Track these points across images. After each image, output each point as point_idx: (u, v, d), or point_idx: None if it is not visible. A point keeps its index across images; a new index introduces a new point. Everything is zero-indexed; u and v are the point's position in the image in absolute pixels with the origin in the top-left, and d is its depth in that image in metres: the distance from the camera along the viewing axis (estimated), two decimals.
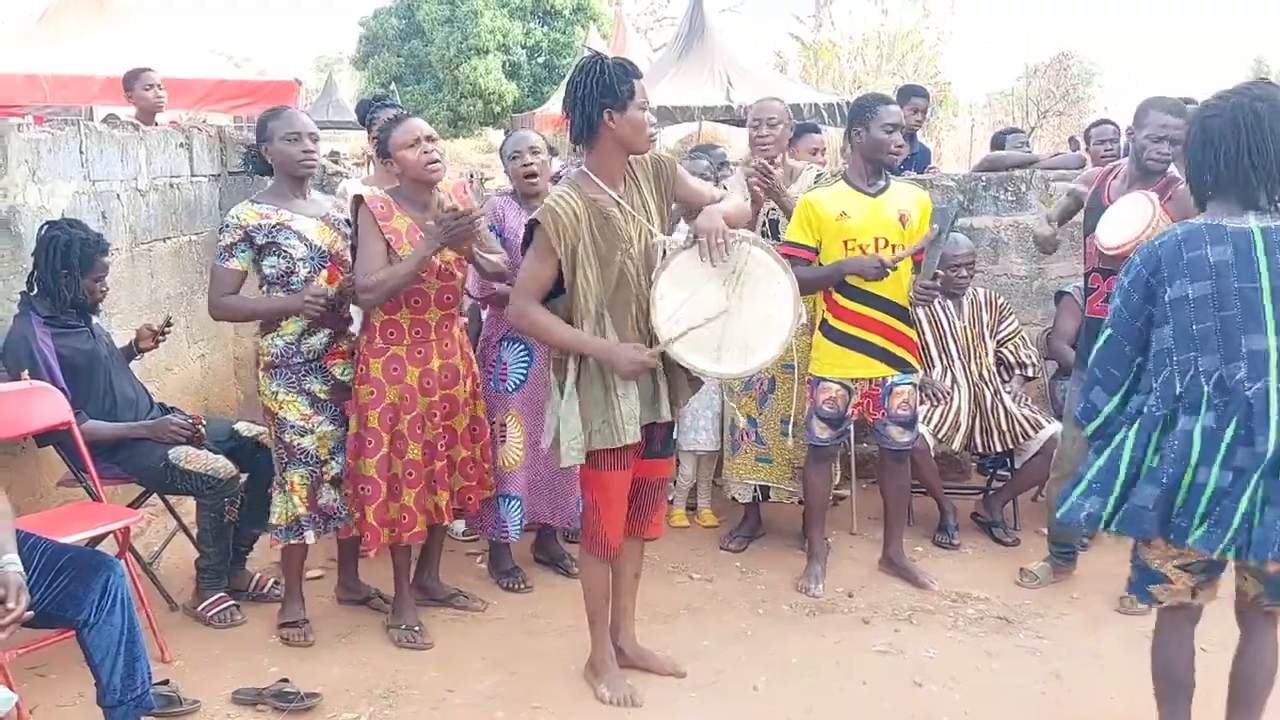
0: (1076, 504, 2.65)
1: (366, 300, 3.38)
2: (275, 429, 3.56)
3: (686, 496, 4.91)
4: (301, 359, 3.55)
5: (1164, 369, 2.52)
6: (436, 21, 21.42)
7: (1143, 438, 2.53)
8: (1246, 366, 2.43)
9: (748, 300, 3.01)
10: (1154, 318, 2.55)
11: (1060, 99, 20.73)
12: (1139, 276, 2.56)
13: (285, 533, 3.57)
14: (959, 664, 3.47)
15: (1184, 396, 2.48)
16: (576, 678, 3.33)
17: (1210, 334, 2.46)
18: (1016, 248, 5.53)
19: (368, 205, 3.38)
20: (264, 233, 3.48)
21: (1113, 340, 2.61)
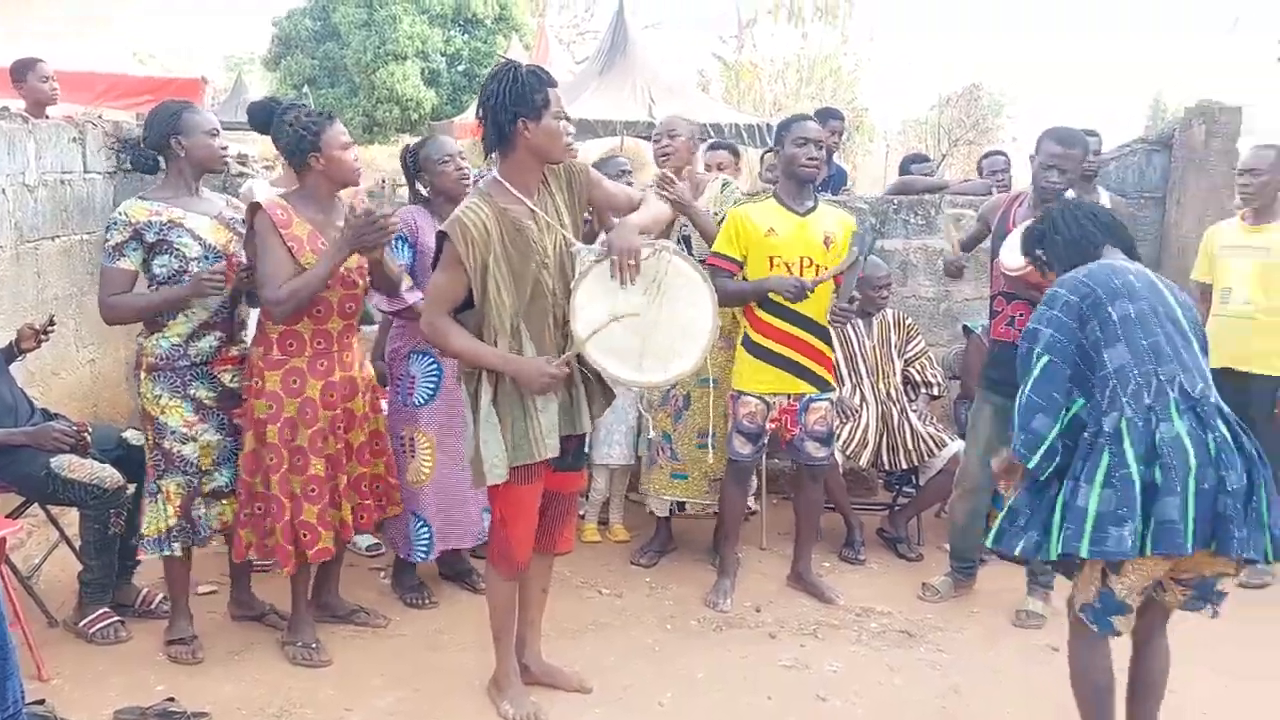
0: (1013, 534, 2.71)
1: (279, 312, 3.23)
2: (154, 434, 3.41)
3: (599, 511, 4.87)
4: (188, 362, 3.41)
5: (1129, 383, 2.60)
6: (353, 25, 21.06)
7: (1140, 450, 2.54)
8: (1198, 376, 2.65)
9: (667, 309, 3.00)
10: (1100, 340, 2.64)
11: (971, 128, 21.31)
12: (1070, 304, 2.67)
13: (153, 545, 3.42)
14: (862, 678, 3.49)
15: (1154, 406, 2.58)
16: (480, 694, 3.26)
17: (1161, 347, 2.63)
18: (925, 270, 5.64)
19: (267, 212, 3.24)
20: (155, 230, 3.34)
21: (1052, 366, 2.65)
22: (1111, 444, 2.58)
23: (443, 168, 3.85)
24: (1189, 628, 3.63)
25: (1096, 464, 2.58)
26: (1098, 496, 2.55)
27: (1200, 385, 2.64)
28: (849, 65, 22.72)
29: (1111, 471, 2.55)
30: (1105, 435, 2.59)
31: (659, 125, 4.49)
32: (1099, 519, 2.54)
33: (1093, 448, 2.62)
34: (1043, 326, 2.70)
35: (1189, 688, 3.41)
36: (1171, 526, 2.49)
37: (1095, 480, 2.57)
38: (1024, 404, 2.68)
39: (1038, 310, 2.76)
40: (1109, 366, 2.63)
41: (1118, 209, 5.14)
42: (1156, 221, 5.69)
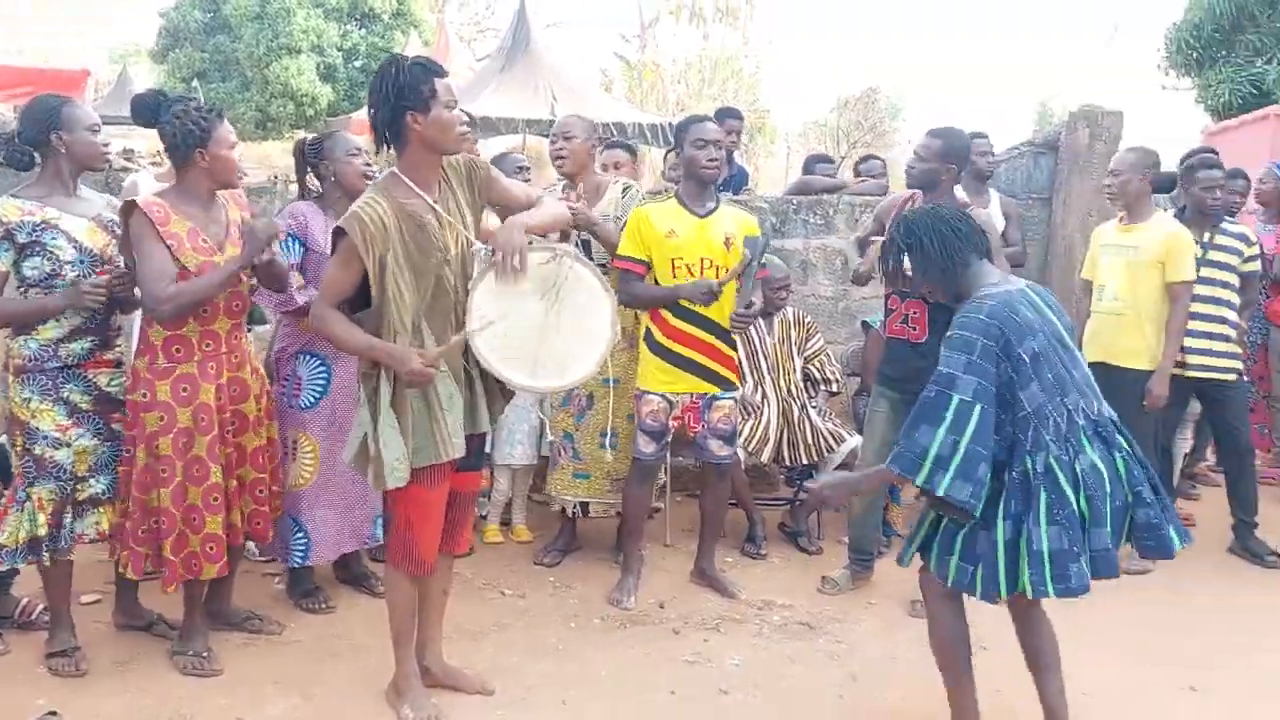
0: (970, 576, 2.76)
1: (161, 313, 3.11)
2: (24, 440, 3.25)
3: (501, 511, 4.84)
4: (59, 364, 3.25)
5: (1049, 421, 2.68)
6: (245, 17, 20.50)
7: (1072, 483, 2.66)
8: (1091, 395, 2.78)
9: (566, 315, 3.00)
10: (1015, 381, 2.68)
11: (868, 130, 21.82)
12: (986, 349, 2.67)
13: (12, 555, 3.26)
14: (763, 670, 3.54)
15: (1069, 439, 2.69)
16: (379, 699, 3.21)
17: (1062, 377, 2.73)
18: (824, 269, 5.76)
19: (143, 211, 3.11)
20: (26, 231, 3.18)
21: (985, 414, 2.64)
22: (1046, 483, 2.67)
23: (350, 159, 3.77)
24: (1089, 612, 3.82)
25: (1035, 504, 2.66)
26: (1046, 536, 2.64)
27: (1095, 404, 2.78)
28: (750, 67, 23.03)
29: (1054, 510, 2.65)
30: (1038, 475, 2.67)
31: (555, 127, 4.45)
32: (1055, 558, 2.63)
33: (1025, 488, 2.68)
34: (963, 374, 2.66)
35: (1087, 670, 3.58)
36: (1108, 554, 2.67)
37: (1041, 522, 2.65)
38: (964, 454, 2.63)
39: (952, 355, 2.71)
40: (1027, 407, 2.69)
41: (1008, 209, 5.35)
42: (1044, 221, 5.92)
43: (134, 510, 3.25)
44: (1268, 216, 6.04)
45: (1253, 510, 4.88)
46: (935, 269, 2.87)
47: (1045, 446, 2.68)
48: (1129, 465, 2.73)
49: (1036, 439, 2.69)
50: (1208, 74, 10.28)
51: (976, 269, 2.87)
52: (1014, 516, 2.69)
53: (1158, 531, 2.72)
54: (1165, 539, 2.73)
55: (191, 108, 3.17)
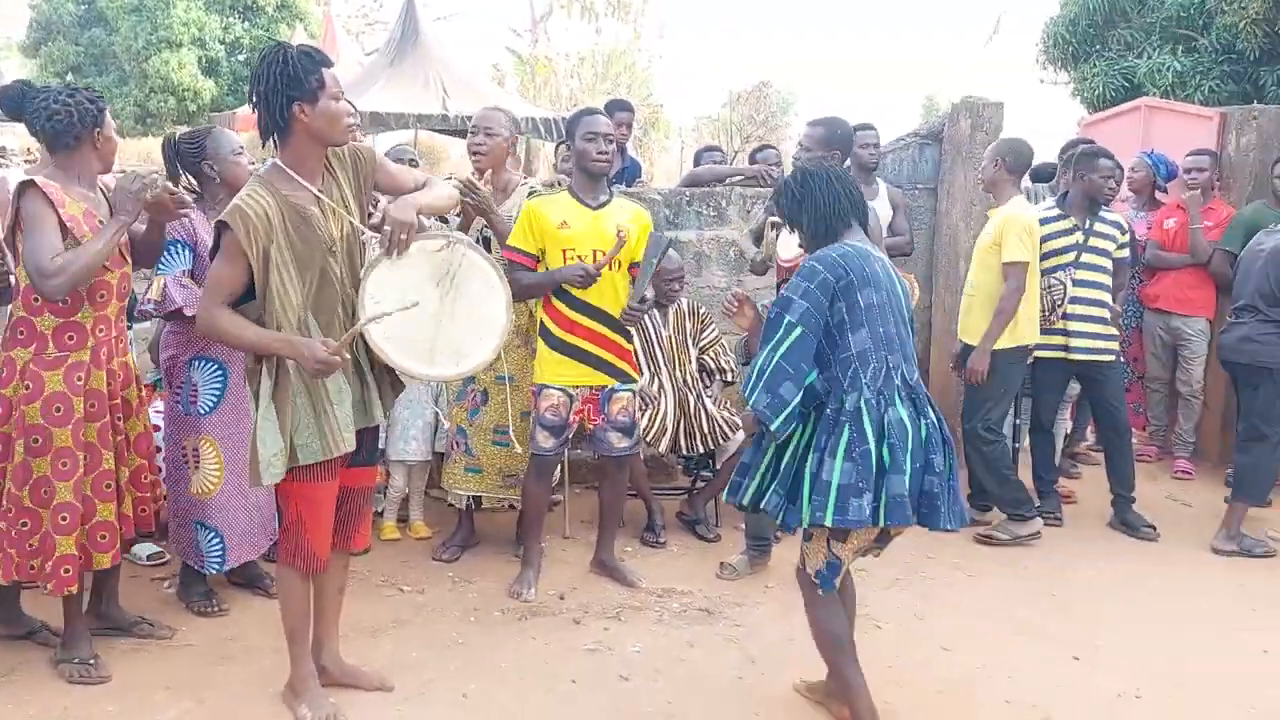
0: (779, 503, 2.90)
1: (51, 286, 2.99)
2: None
3: (398, 508, 4.79)
4: None
5: (868, 366, 2.81)
6: (122, 10, 19.74)
7: (876, 429, 2.77)
8: (914, 366, 2.92)
9: (461, 303, 2.99)
10: (846, 322, 2.81)
11: (761, 125, 22.14)
12: (825, 281, 2.82)
13: None
14: (663, 656, 3.59)
15: (883, 390, 2.82)
16: (275, 701, 3.16)
17: (892, 336, 2.86)
18: (718, 260, 5.84)
19: (41, 188, 3.03)
20: None
21: (805, 337, 2.80)
22: (852, 421, 2.80)
23: (237, 158, 3.68)
24: (975, 587, 3.98)
25: (838, 439, 2.79)
26: (839, 470, 2.77)
27: (916, 375, 2.94)
28: (643, 61, 23.15)
29: (851, 446, 2.78)
30: (846, 413, 2.80)
31: (476, 119, 4.39)
32: (840, 491, 2.77)
33: (835, 424, 2.82)
34: (796, 297, 2.82)
35: (977, 644, 3.74)
36: (900, 500, 2.78)
37: (838, 455, 2.78)
38: (772, 368, 2.81)
39: (794, 280, 2.87)
40: (852, 349, 2.83)
41: (895, 199, 5.52)
42: (930, 210, 6.10)
43: (9, 509, 3.13)
44: (1139, 204, 6.36)
45: (1130, 485, 5.13)
46: (819, 220, 2.99)
47: (860, 389, 2.82)
48: (930, 433, 2.87)
49: (854, 380, 2.82)
50: (1083, 68, 10.70)
51: (852, 233, 3.00)
52: (820, 450, 2.83)
53: (933, 502, 2.86)
54: (937, 511, 2.86)
55: (81, 90, 3.15)
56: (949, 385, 5.83)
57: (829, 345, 2.85)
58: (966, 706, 3.30)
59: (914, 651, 3.63)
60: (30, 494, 3.12)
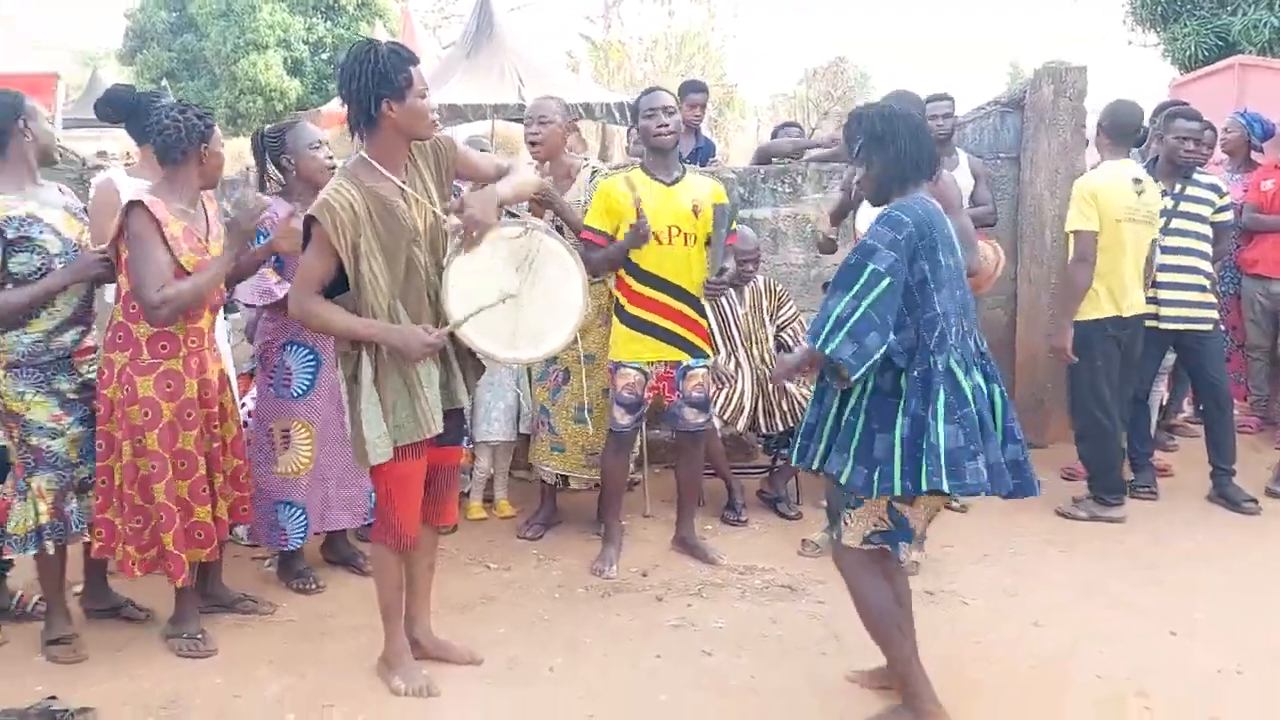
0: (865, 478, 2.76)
1: (159, 316, 3.16)
2: (20, 432, 3.31)
3: (483, 488, 4.90)
4: (51, 357, 3.32)
5: (953, 328, 2.72)
6: (211, 15, 20.40)
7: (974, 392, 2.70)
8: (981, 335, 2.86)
9: (539, 286, 3.06)
10: (928, 281, 2.70)
11: (837, 101, 21.85)
12: (910, 236, 2.69)
13: (20, 543, 3.32)
14: (746, 632, 3.61)
15: (963, 356, 2.74)
16: (370, 674, 3.27)
17: (965, 302, 2.79)
18: (794, 238, 5.81)
19: (149, 209, 3.15)
20: (15, 226, 3.22)
21: (893, 288, 2.66)
22: (946, 383, 2.69)
23: (313, 153, 3.80)
24: (1073, 561, 3.91)
25: (933, 401, 2.67)
26: (944, 433, 2.65)
27: (985, 344, 2.87)
28: (716, 41, 23.02)
29: (952, 409, 2.67)
30: (938, 375, 2.69)
31: (529, 109, 4.47)
32: (950, 455, 2.64)
33: (926, 386, 2.69)
34: (884, 247, 2.68)
35: (1075, 618, 3.68)
36: (1000, 467, 2.71)
37: (938, 418, 2.66)
38: (858, 316, 2.66)
39: (877, 228, 2.73)
40: (938, 309, 2.71)
41: (976, 169, 5.42)
42: (1012, 179, 5.97)
43: (124, 506, 3.29)
44: (1234, 166, 6.14)
45: (1231, 459, 4.96)
46: (896, 165, 2.83)
47: (948, 349, 2.71)
48: (1004, 400, 2.80)
49: (941, 340, 2.71)
50: (1173, 27, 10.34)
51: (919, 191, 2.87)
52: (913, 414, 2.70)
53: (1024, 471, 2.78)
54: (1029, 479, 2.79)
55: (191, 108, 3.25)
56: (1037, 358, 5.73)
57: (908, 305, 2.72)
58: (1058, 683, 3.25)
59: (1004, 628, 3.59)
60: (139, 492, 3.28)
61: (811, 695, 3.19)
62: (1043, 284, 5.79)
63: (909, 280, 2.71)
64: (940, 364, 2.71)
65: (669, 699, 3.18)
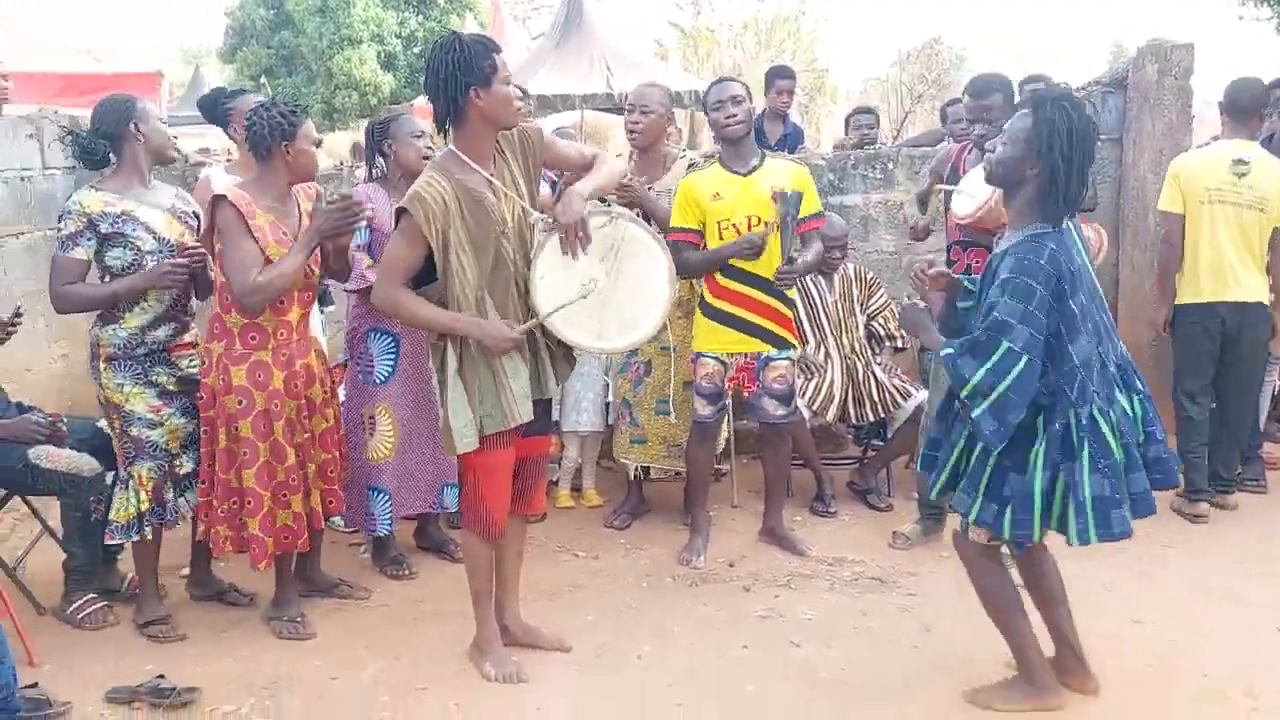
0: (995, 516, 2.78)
1: (251, 303, 3.27)
2: (120, 422, 3.46)
3: (571, 477, 4.95)
4: (146, 350, 3.46)
5: (1093, 373, 2.70)
6: (307, 12, 20.91)
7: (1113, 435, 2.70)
8: (1116, 337, 2.83)
9: (626, 276, 3.08)
10: (1064, 334, 2.66)
11: (932, 84, 21.37)
12: (1043, 300, 2.61)
13: (123, 530, 3.47)
14: (836, 624, 3.59)
15: (1102, 386, 2.72)
16: (462, 659, 3.34)
17: (1099, 326, 2.74)
18: (886, 224, 5.72)
19: (233, 203, 3.25)
20: (109, 222, 3.37)
21: (1032, 365, 2.62)
22: (1090, 435, 2.69)
23: (414, 142, 3.86)
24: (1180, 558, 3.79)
25: (1078, 454, 2.68)
26: (1089, 485, 2.68)
27: (1118, 346, 2.81)
28: (807, 25, 22.71)
29: (1096, 459, 2.68)
30: (1083, 428, 2.69)
31: (631, 97, 4.46)
32: (1098, 505, 2.68)
33: (1066, 440, 2.70)
34: (1016, 322, 2.60)
35: (1181, 614, 3.58)
36: (1146, 495, 2.75)
37: (1084, 472, 2.67)
38: (998, 397, 2.63)
39: (1008, 302, 2.62)
40: (1075, 360, 2.68)
41: None
42: (1114, 161, 5.78)
43: (218, 489, 3.42)
44: None
45: None
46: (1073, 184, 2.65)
47: (1089, 399, 2.70)
48: (1144, 405, 2.80)
49: (1083, 392, 2.69)
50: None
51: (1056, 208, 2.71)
52: (1053, 465, 2.72)
53: (1166, 465, 2.81)
54: (1171, 470, 2.83)
55: (281, 102, 3.31)
56: (1140, 347, 5.53)
57: (1048, 357, 2.68)
58: (1161, 680, 3.16)
59: (1103, 623, 3.46)
60: (234, 476, 3.40)
61: (903, 689, 3.15)
62: (1145, 270, 5.59)
63: (1049, 337, 2.66)
64: (1084, 416, 2.70)
65: (756, 689, 3.17)
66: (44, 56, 8.58)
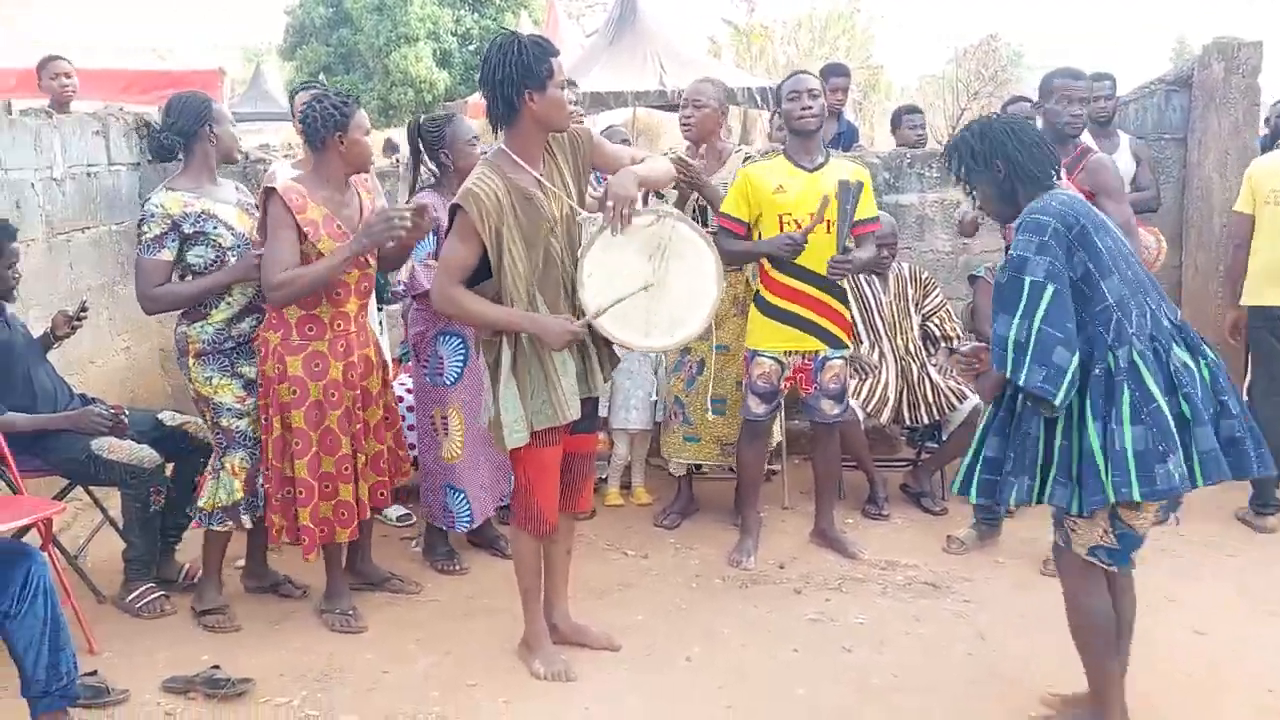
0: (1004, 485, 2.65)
1: (275, 298, 3.30)
2: (211, 414, 3.55)
3: (621, 475, 4.94)
4: (233, 344, 3.53)
5: (1131, 314, 2.53)
6: (365, 10, 21.18)
7: (1164, 382, 2.49)
8: (1170, 306, 2.65)
9: (673, 275, 3.06)
10: (1092, 271, 2.53)
11: (989, 81, 21.05)
12: (1058, 232, 2.51)
13: (212, 517, 3.53)
14: (888, 628, 3.54)
15: (1156, 335, 2.55)
16: (512, 656, 3.35)
17: (1140, 278, 2.61)
18: (942, 224, 5.63)
19: (281, 195, 3.28)
20: (190, 221, 3.44)
21: (1060, 295, 2.49)
22: (1130, 379, 2.49)
23: (469, 149, 3.87)
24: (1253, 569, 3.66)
25: (1118, 402, 2.49)
26: (1130, 436, 2.46)
27: (1176, 311, 2.65)
28: (862, 23, 22.49)
29: (1138, 407, 2.48)
30: (1121, 371, 2.50)
31: (686, 92, 4.45)
32: (1140, 459, 2.46)
33: (1109, 386, 2.51)
34: (1034, 255, 2.51)
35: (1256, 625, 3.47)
36: (1214, 455, 2.48)
37: (1124, 419, 2.48)
38: (1035, 336, 2.48)
39: (1021, 237, 2.56)
40: (1109, 298, 2.53)
41: (1138, 152, 5.16)
42: (1178, 162, 5.65)
43: (272, 478, 3.47)
44: None
45: None
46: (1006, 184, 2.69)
47: (1129, 340, 2.51)
48: (1214, 372, 2.57)
49: (1119, 332, 2.52)
50: None
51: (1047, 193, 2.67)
52: (1102, 417, 2.51)
53: (1239, 446, 2.54)
54: (1245, 455, 2.54)
55: (332, 94, 3.35)
56: None
57: (1079, 301, 2.54)
58: (1221, 693, 3.08)
59: (1164, 634, 3.39)
60: (288, 465, 3.44)
61: (956, 697, 3.11)
62: (1210, 272, 5.45)
63: (1072, 276, 2.53)
64: (1122, 359, 2.51)
65: (807, 692, 3.15)
66: (110, 55, 8.70)
